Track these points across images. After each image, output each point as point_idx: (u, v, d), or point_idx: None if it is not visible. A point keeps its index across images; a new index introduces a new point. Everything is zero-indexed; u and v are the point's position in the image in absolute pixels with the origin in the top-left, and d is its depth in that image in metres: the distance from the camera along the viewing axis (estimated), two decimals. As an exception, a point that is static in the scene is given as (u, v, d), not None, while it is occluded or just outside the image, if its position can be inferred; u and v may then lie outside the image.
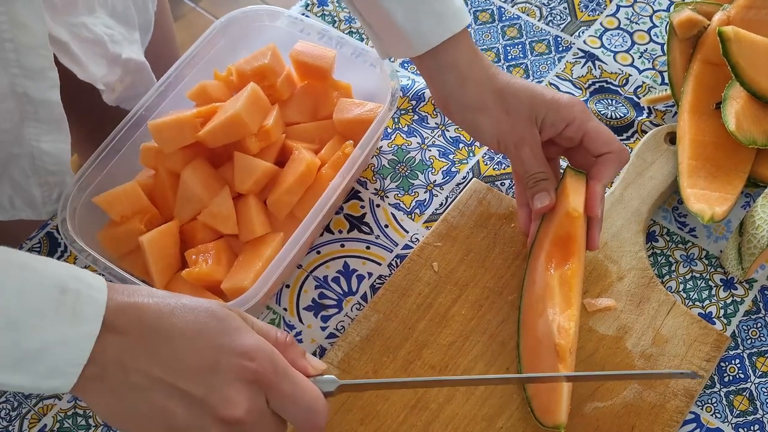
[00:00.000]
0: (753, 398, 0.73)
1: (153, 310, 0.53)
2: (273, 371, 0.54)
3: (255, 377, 0.53)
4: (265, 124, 0.78)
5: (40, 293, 0.51)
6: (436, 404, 0.71)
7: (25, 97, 0.71)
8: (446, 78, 0.74)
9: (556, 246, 0.73)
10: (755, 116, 0.79)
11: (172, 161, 0.78)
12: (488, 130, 0.74)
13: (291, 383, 0.55)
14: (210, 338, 0.54)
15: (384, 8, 0.71)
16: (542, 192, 0.73)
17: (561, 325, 0.69)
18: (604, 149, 0.72)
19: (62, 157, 0.78)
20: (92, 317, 0.51)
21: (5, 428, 0.74)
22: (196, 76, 0.84)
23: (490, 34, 0.95)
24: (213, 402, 0.52)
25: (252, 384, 0.53)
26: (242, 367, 0.53)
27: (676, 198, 0.83)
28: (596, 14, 0.96)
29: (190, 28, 2.15)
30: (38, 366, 0.50)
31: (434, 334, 0.74)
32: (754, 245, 0.73)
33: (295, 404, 0.55)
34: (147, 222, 0.76)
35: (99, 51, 0.81)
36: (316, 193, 0.76)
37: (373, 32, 0.75)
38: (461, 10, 0.73)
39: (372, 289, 0.79)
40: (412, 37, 0.72)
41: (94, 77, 0.81)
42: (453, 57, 0.73)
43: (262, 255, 0.73)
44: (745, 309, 0.77)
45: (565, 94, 0.74)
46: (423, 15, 0.71)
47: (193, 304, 0.55)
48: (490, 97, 0.73)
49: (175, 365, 0.52)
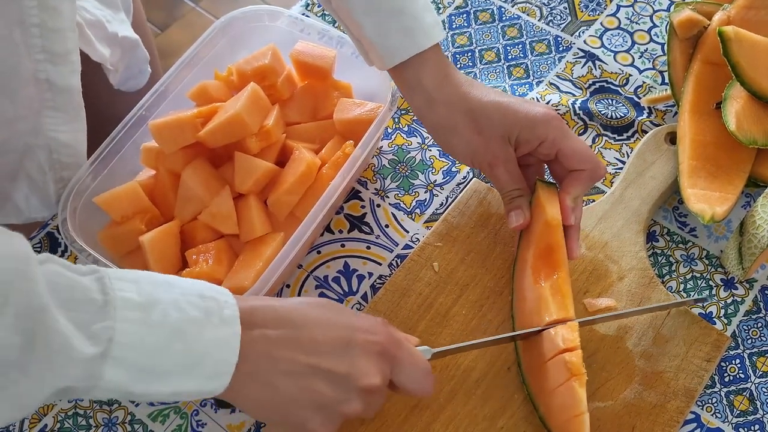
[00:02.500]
0: (753, 398, 0.73)
1: (280, 306, 0.59)
2: (394, 342, 0.61)
3: (381, 348, 0.60)
4: (266, 124, 0.78)
5: (191, 303, 0.55)
6: (437, 404, 0.71)
7: (46, 84, 0.71)
8: (416, 97, 0.74)
9: (540, 258, 0.73)
10: (755, 116, 0.79)
11: (172, 161, 0.78)
12: (461, 150, 0.74)
13: (408, 352, 0.62)
14: (336, 322, 0.60)
15: (356, 20, 0.72)
16: (516, 210, 0.73)
17: (566, 337, 0.68)
18: (579, 166, 0.72)
19: (79, 148, 0.78)
20: (233, 318, 0.56)
21: (5, 428, 0.74)
22: (196, 76, 0.84)
23: (490, 34, 0.95)
24: (354, 375, 0.59)
25: (380, 355, 0.60)
26: (371, 342, 0.60)
27: (677, 198, 0.83)
28: (596, 14, 0.96)
29: (190, 28, 2.16)
30: (203, 369, 0.55)
31: (435, 334, 0.74)
32: (754, 245, 0.73)
33: (415, 369, 0.62)
34: (147, 222, 0.76)
35: (100, 33, 0.81)
36: (316, 193, 0.76)
37: (357, 43, 0.76)
38: (433, 27, 0.72)
39: (372, 289, 0.79)
40: (380, 50, 0.72)
41: (104, 57, 0.81)
42: (421, 75, 0.72)
43: (262, 255, 0.73)
44: (745, 309, 0.77)
45: (541, 108, 0.72)
46: (392, 29, 0.71)
47: (306, 300, 0.62)
48: (461, 118, 0.72)
49: (316, 348, 0.58)
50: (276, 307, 0.59)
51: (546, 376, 0.68)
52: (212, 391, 0.56)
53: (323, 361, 0.58)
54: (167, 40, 2.14)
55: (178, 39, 2.13)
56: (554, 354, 0.67)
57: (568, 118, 0.88)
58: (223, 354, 0.55)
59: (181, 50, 0.92)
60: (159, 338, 0.53)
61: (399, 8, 0.71)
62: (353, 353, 0.59)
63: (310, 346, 0.58)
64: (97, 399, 0.68)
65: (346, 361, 0.59)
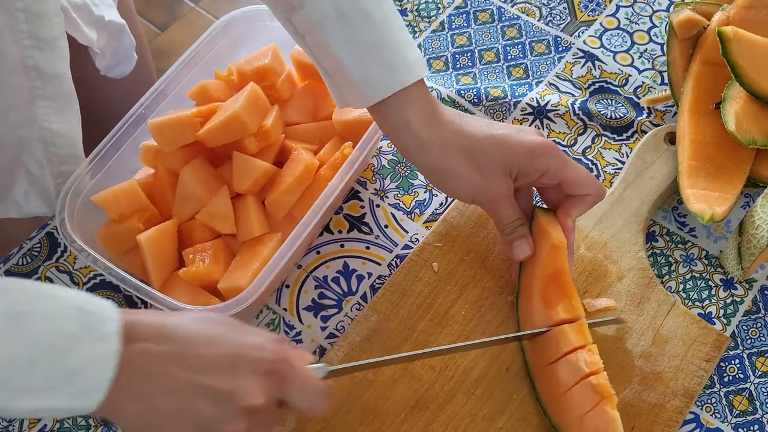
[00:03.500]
0: (752, 398, 0.73)
1: (166, 321, 0.57)
2: (284, 361, 0.59)
3: (270, 367, 0.58)
4: (265, 124, 0.78)
5: (68, 317, 0.53)
6: (436, 404, 0.71)
7: (35, 71, 0.70)
8: (404, 140, 0.70)
9: (549, 283, 0.71)
10: (755, 116, 0.79)
11: (171, 160, 0.78)
12: (461, 191, 0.71)
13: (299, 370, 0.60)
14: (224, 339, 0.58)
15: (335, 54, 0.68)
16: (520, 239, 0.72)
17: (588, 360, 0.67)
18: (583, 192, 0.71)
19: (74, 138, 0.78)
20: (111, 335, 0.53)
21: (5, 428, 0.74)
22: (196, 75, 0.84)
23: (490, 34, 0.95)
24: (238, 394, 0.56)
25: (268, 374, 0.57)
26: (259, 360, 0.57)
27: (676, 198, 0.83)
28: (596, 14, 0.96)
29: (190, 28, 2.15)
30: (73, 386, 0.52)
31: (434, 334, 0.74)
32: (753, 245, 0.73)
33: (305, 389, 0.60)
34: (146, 221, 0.76)
35: (86, 16, 0.80)
36: (314, 193, 0.76)
37: (331, 81, 0.71)
38: (416, 62, 0.69)
39: (372, 290, 0.79)
40: (361, 86, 0.68)
41: (91, 41, 0.80)
42: (408, 116, 0.68)
43: (259, 255, 0.73)
44: (744, 309, 0.77)
45: (536, 137, 0.70)
46: (373, 64, 0.67)
47: (196, 315, 0.59)
48: (457, 159, 0.69)
49: (200, 366, 0.56)
50: (161, 322, 0.57)
51: (571, 404, 0.67)
52: (84, 408, 0.53)
53: (206, 379, 0.56)
54: (167, 40, 2.14)
55: (178, 39, 2.13)
56: (579, 379, 0.67)
57: (567, 118, 0.88)
58: (97, 371, 0.52)
59: (181, 50, 0.91)
60: (22, 351, 0.51)
61: (380, 42, 0.67)
62: (239, 371, 0.57)
63: (194, 363, 0.56)
64: None
65: (230, 379, 0.56)
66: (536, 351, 0.71)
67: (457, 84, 0.91)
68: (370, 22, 0.67)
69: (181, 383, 0.55)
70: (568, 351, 0.68)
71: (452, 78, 0.92)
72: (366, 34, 0.67)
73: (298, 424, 0.71)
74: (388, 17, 0.68)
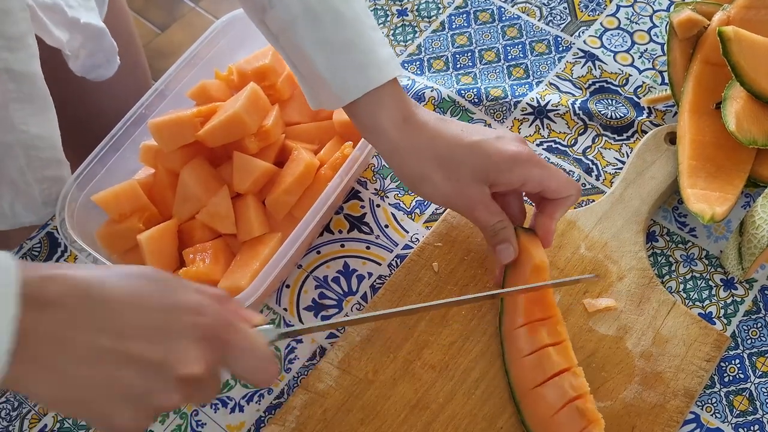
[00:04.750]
0: (753, 398, 0.72)
1: (84, 277, 0.50)
2: (224, 324, 0.53)
3: (207, 332, 0.52)
4: (265, 124, 0.78)
5: None
6: (436, 404, 0.71)
7: (6, 74, 0.69)
8: (379, 144, 0.69)
9: (532, 304, 0.71)
10: (755, 116, 0.79)
11: (171, 160, 0.78)
12: (434, 197, 0.70)
13: (243, 335, 0.54)
14: (155, 300, 0.51)
15: (307, 54, 0.67)
16: (504, 243, 0.70)
17: (574, 384, 0.67)
18: (564, 194, 0.70)
19: (53, 140, 0.76)
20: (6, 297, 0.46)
21: (5, 428, 0.74)
22: (196, 75, 0.84)
23: (490, 34, 0.95)
24: (170, 362, 0.50)
25: (205, 340, 0.52)
26: (194, 324, 0.52)
27: (677, 198, 0.83)
28: (596, 14, 0.96)
29: (190, 28, 2.16)
30: None
31: (434, 334, 0.74)
32: (754, 245, 0.73)
33: (250, 355, 0.54)
34: (146, 220, 0.76)
35: (58, 17, 0.79)
36: (314, 193, 0.76)
37: (304, 83, 0.71)
38: (388, 62, 0.67)
39: (372, 290, 0.79)
40: (333, 86, 0.67)
41: (60, 42, 0.78)
42: (379, 118, 0.67)
43: (259, 255, 0.73)
44: (745, 309, 0.77)
45: (513, 145, 0.69)
46: (344, 64, 0.66)
47: (125, 270, 0.52)
48: (429, 165, 0.68)
49: (125, 332, 0.49)
50: (77, 279, 0.49)
51: (558, 428, 0.66)
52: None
53: (132, 346, 0.49)
54: (167, 40, 2.14)
55: (178, 39, 2.13)
56: (564, 403, 0.66)
57: (568, 118, 0.88)
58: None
59: (181, 50, 0.91)
60: None
61: (351, 41, 0.66)
62: (171, 338, 0.50)
63: (119, 329, 0.49)
64: None
65: (161, 346, 0.50)
66: (521, 374, 0.70)
67: (458, 84, 0.91)
68: (340, 21, 0.66)
69: (102, 352, 0.49)
70: (554, 374, 0.68)
71: (452, 78, 0.92)
72: (337, 34, 0.66)
73: (298, 424, 0.71)
74: (359, 16, 0.67)
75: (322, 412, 0.71)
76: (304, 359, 0.76)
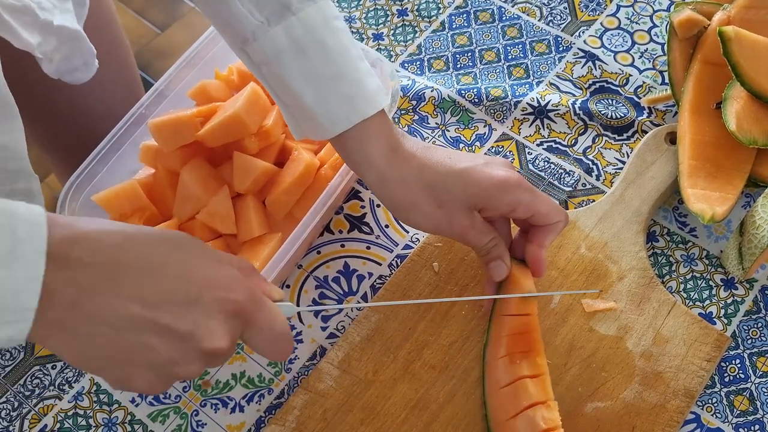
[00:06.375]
0: (753, 398, 0.72)
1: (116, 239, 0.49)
2: (252, 302, 0.54)
3: (236, 309, 0.53)
4: (265, 124, 0.78)
5: None
6: (436, 404, 0.71)
7: None
8: (367, 175, 0.68)
9: (515, 335, 0.70)
10: (755, 116, 0.79)
11: (171, 160, 0.78)
12: (423, 224, 0.69)
13: (267, 313, 0.56)
14: (190, 270, 0.52)
15: (292, 87, 0.66)
16: (496, 260, 0.70)
17: (546, 417, 0.66)
18: (553, 220, 0.69)
19: (19, 149, 0.72)
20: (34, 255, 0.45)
21: (5, 428, 0.74)
22: (196, 75, 0.84)
23: (490, 34, 0.95)
24: (199, 336, 0.51)
25: (233, 315, 0.53)
26: (224, 300, 0.52)
27: (677, 198, 0.83)
28: (596, 14, 0.96)
29: (190, 28, 2.15)
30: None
31: (435, 334, 0.74)
32: (754, 245, 0.73)
33: (271, 332, 0.56)
34: (146, 220, 0.77)
35: (28, 19, 0.76)
36: (314, 193, 0.76)
37: (288, 112, 0.69)
38: (376, 93, 0.67)
39: (372, 290, 0.79)
40: (321, 119, 0.66)
41: (30, 45, 0.75)
42: (368, 150, 0.67)
43: (259, 255, 0.73)
44: (745, 309, 0.77)
45: (502, 171, 0.68)
46: (332, 97, 0.65)
47: (158, 234, 0.52)
48: (418, 194, 0.67)
49: (156, 300, 0.50)
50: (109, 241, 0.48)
51: None
52: (9, 338, 0.46)
53: (162, 316, 0.49)
54: (167, 40, 2.14)
55: (178, 39, 2.13)
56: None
57: (568, 118, 0.88)
58: (17, 299, 0.45)
59: (181, 50, 0.91)
60: None
61: (338, 74, 0.65)
62: (200, 310, 0.51)
63: (149, 296, 0.49)
64: None
65: (190, 318, 0.50)
66: (497, 404, 0.69)
67: (458, 84, 0.91)
68: (327, 53, 0.65)
69: (131, 318, 0.49)
70: (528, 405, 0.67)
71: (453, 78, 0.92)
72: (324, 67, 0.65)
73: (298, 424, 0.71)
74: (346, 48, 0.66)
75: (323, 412, 0.71)
76: (304, 359, 0.76)
